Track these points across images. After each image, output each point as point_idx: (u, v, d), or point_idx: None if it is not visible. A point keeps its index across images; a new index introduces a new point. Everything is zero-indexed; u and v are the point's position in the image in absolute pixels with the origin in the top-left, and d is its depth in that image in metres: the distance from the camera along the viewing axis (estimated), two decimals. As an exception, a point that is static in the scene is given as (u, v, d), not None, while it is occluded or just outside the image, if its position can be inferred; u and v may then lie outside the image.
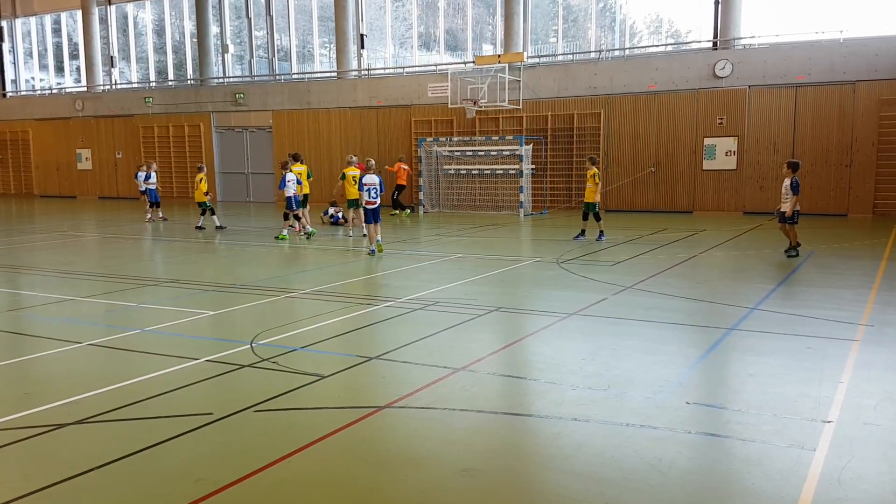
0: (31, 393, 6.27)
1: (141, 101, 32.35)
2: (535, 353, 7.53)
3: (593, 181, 15.72)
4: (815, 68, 20.90)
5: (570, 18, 26.77)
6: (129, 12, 35.16)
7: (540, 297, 10.40)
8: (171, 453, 4.92)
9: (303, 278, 11.99)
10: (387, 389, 6.23)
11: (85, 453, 4.89)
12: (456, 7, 28.37)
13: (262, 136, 29.87)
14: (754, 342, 7.57)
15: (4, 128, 36.24)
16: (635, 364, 6.80)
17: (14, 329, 8.79)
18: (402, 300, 9.78)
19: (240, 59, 32.60)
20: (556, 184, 24.27)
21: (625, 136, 23.30)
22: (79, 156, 34.19)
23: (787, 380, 6.28)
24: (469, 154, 24.08)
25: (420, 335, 7.94)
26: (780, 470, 4.52)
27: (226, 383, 6.44)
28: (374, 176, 14.23)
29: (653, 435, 5.07)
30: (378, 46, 29.55)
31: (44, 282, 12.08)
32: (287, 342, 7.68)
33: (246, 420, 5.47)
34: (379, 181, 14.23)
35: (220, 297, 10.44)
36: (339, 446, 5.02)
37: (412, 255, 14.24)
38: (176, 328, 8.49)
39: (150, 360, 7.15)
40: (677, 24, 25.71)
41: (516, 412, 5.67)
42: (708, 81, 22.14)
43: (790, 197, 12.86)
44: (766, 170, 21.65)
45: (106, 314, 9.43)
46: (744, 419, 5.37)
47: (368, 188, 14.09)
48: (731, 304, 9.52)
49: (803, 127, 21.17)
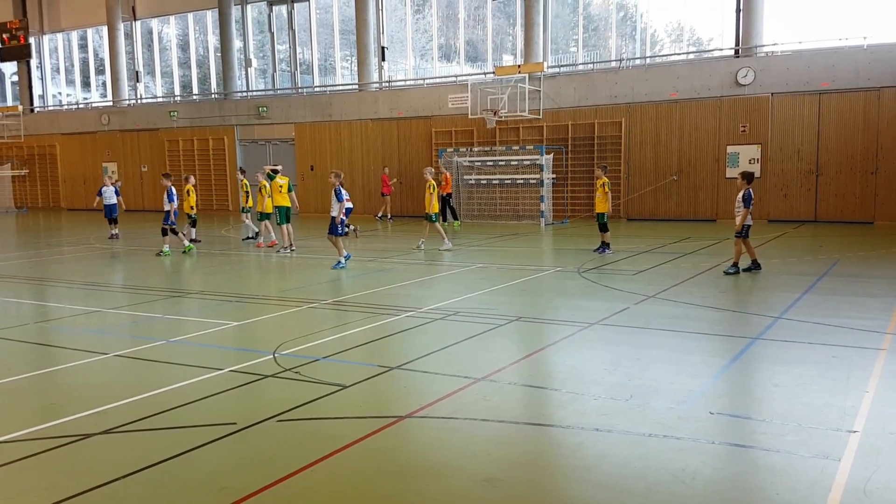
0: (58, 403, 6.36)
1: (166, 115, 32.79)
2: (557, 362, 7.51)
3: (603, 190, 15.22)
4: (838, 75, 20.72)
5: (590, 28, 26.77)
6: (154, 28, 35.70)
7: (561, 306, 10.37)
8: (197, 463, 4.97)
9: (324, 289, 12.06)
10: (408, 399, 6.24)
11: (111, 463, 4.95)
12: (476, 18, 28.49)
13: (285, 148, 30.13)
14: (779, 351, 7.50)
15: (32, 142, 36.89)
16: (658, 374, 6.76)
17: (42, 340, 8.92)
18: (423, 310, 9.80)
19: (263, 73, 32.96)
20: (577, 193, 24.22)
21: (646, 145, 23.22)
22: (105, 169, 34.69)
23: (812, 389, 6.21)
24: (489, 164, 24.11)
25: (441, 345, 7.95)
26: (805, 481, 4.47)
27: (249, 393, 6.49)
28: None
29: (676, 446, 5.03)
30: (399, 58, 29.73)
31: (70, 293, 12.26)
32: (309, 352, 7.72)
33: (269, 430, 5.51)
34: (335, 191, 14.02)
35: (244, 307, 10.53)
36: (361, 456, 5.04)
37: (433, 265, 14.27)
38: (200, 339, 8.58)
39: (174, 370, 7.23)
40: (699, 32, 25.63)
41: (538, 422, 5.66)
42: (730, 89, 22.02)
43: (741, 210, 12.26)
44: (791, 178, 21.46)
45: (131, 325, 9.55)
46: (768, 429, 5.32)
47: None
48: (756, 313, 9.44)
49: (827, 134, 20.97)
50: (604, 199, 15.18)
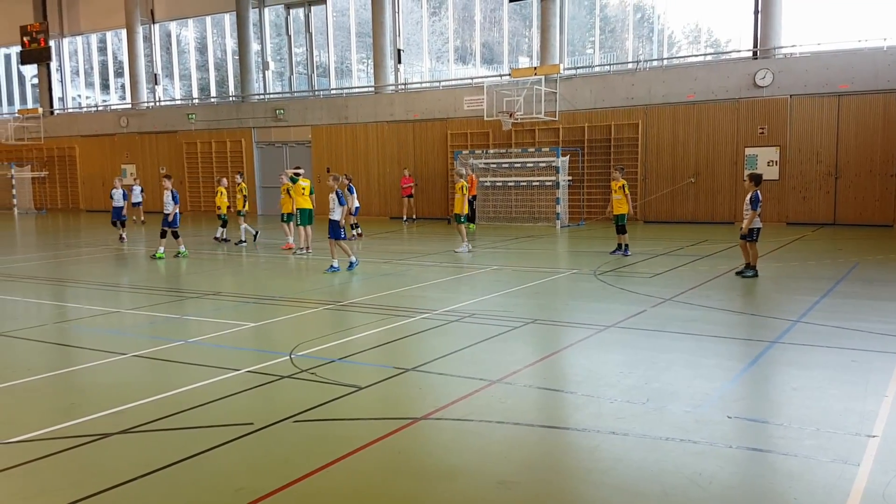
0: (77, 403, 6.43)
1: (184, 118, 33.03)
2: (572, 365, 7.49)
3: (623, 192, 15.26)
4: (858, 77, 20.53)
5: (607, 29, 26.70)
6: (173, 31, 35.98)
7: (577, 308, 10.35)
8: (213, 463, 5.00)
9: (340, 291, 12.10)
10: (423, 401, 6.25)
11: (129, 462, 5.00)
12: (492, 20, 28.49)
13: (302, 150, 30.26)
14: (797, 355, 7.44)
15: (52, 144, 37.28)
16: (675, 377, 6.73)
17: (61, 341, 9.02)
18: (439, 312, 9.81)
19: (280, 76, 33.13)
20: (593, 195, 24.15)
21: (664, 147, 23.11)
22: (123, 171, 34.99)
23: (830, 393, 6.16)
24: (505, 166, 24.08)
25: (456, 347, 7.95)
26: (823, 485, 4.43)
27: (266, 394, 6.52)
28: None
29: (693, 449, 5.01)
30: (415, 61, 29.78)
31: (89, 294, 12.38)
32: (325, 353, 7.75)
33: (285, 430, 5.54)
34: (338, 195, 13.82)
35: (260, 308, 10.59)
36: (376, 457, 5.05)
37: (448, 267, 14.28)
38: (217, 339, 8.63)
39: (192, 370, 7.29)
40: (717, 34, 25.48)
41: (553, 425, 5.65)
42: (748, 91, 21.88)
43: (749, 212, 12.22)
44: (810, 180, 21.29)
45: (149, 326, 9.63)
46: (786, 433, 5.28)
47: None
48: (774, 316, 9.37)
49: (847, 136, 20.78)
50: (624, 200, 15.20)
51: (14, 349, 8.61)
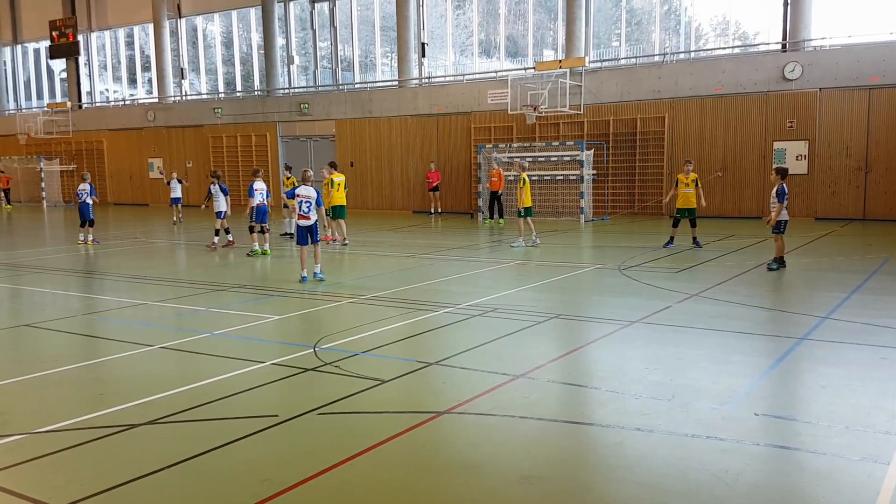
0: (104, 394, 6.51)
1: (210, 112, 33.28)
2: (597, 360, 7.45)
3: (694, 185, 15.62)
4: (889, 69, 20.15)
5: (633, 22, 26.46)
6: (199, 25, 36.25)
7: (601, 304, 10.29)
8: (239, 454, 5.04)
9: (363, 284, 12.13)
10: (446, 395, 6.25)
11: (156, 453, 5.06)
12: (517, 14, 28.35)
13: (326, 144, 30.36)
14: (826, 352, 7.34)
15: (80, 138, 37.75)
16: (701, 374, 6.66)
17: (89, 332, 9.14)
18: (462, 306, 9.80)
19: (305, 70, 33.26)
20: (617, 189, 23.98)
21: (690, 141, 22.86)
22: (150, 165, 35.36)
23: (859, 391, 6.06)
24: (529, 160, 23.93)
25: (479, 341, 7.94)
26: (851, 484, 4.37)
27: (290, 386, 6.56)
28: (311, 188, 12.21)
29: (719, 447, 4.96)
30: (439, 54, 29.74)
31: (117, 286, 12.54)
32: (349, 346, 7.78)
33: (310, 423, 5.57)
34: (316, 195, 12.28)
35: (285, 301, 10.65)
36: (399, 451, 5.06)
37: (471, 262, 14.26)
38: (243, 332, 8.70)
39: (218, 362, 7.35)
40: (745, 26, 25.14)
41: (577, 420, 5.62)
42: (777, 84, 21.57)
43: (776, 205, 12.28)
44: (839, 174, 20.95)
45: (176, 318, 9.73)
46: (814, 431, 5.21)
47: (301, 201, 12.06)
48: (802, 312, 9.25)
49: (877, 130, 20.42)
50: (694, 193, 15.54)
51: (43, 340, 8.75)
